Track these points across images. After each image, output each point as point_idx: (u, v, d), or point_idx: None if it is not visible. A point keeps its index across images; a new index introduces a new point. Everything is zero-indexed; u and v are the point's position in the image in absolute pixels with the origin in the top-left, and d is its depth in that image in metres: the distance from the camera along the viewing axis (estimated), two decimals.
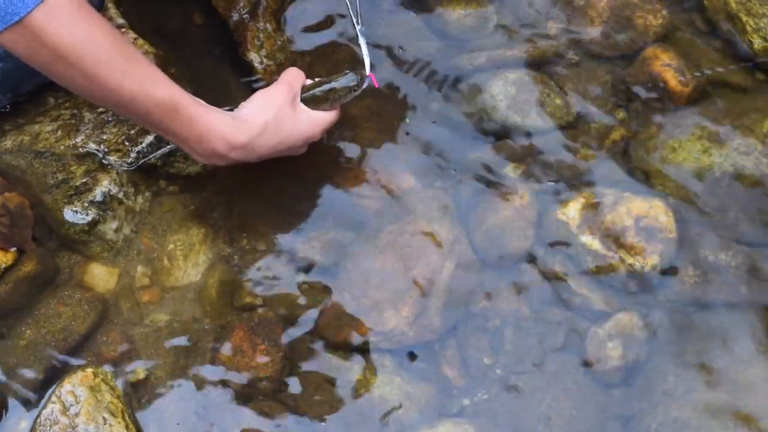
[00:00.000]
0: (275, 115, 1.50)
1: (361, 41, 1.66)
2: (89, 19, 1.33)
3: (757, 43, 1.74)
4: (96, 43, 1.32)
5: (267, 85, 1.61)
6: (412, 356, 1.55)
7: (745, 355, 1.53)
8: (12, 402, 1.47)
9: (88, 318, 1.54)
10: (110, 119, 1.62)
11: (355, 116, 1.73)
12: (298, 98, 1.56)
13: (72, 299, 1.54)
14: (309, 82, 1.61)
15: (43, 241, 1.59)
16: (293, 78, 1.58)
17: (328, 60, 1.80)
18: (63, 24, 1.29)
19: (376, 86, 1.67)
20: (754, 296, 1.57)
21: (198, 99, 1.45)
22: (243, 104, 1.53)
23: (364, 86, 1.63)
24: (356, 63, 1.66)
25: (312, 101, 1.58)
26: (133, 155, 1.61)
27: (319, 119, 1.58)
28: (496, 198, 1.66)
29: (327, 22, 1.83)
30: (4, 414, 1.46)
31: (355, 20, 1.67)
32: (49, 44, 1.29)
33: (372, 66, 1.65)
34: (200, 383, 1.51)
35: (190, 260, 1.61)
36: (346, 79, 1.61)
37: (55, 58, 1.31)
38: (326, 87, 1.60)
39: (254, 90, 1.58)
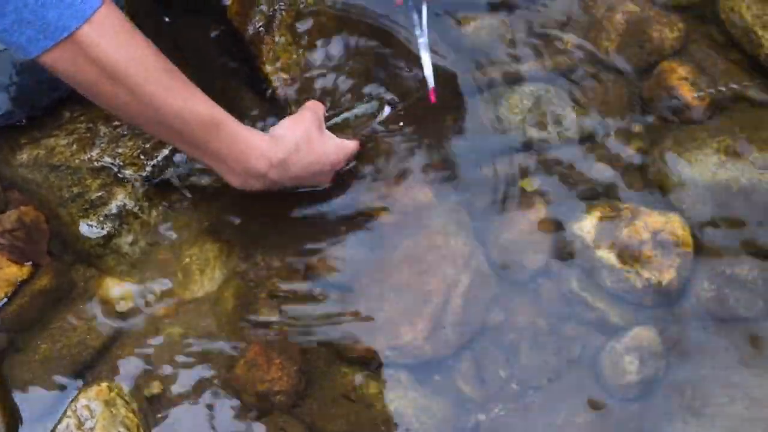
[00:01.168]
0: (304, 135, 1.51)
1: (424, 54, 1.62)
2: (133, 34, 1.32)
3: None
4: (142, 59, 1.31)
5: (283, 98, 1.61)
6: (427, 371, 1.55)
7: (763, 369, 1.53)
8: (27, 416, 1.47)
9: (104, 332, 1.54)
10: (125, 133, 1.62)
11: (372, 131, 1.73)
12: (323, 124, 1.58)
13: (87, 313, 1.54)
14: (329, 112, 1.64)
15: (58, 255, 1.59)
16: (316, 105, 1.60)
17: (342, 72, 1.80)
18: (111, 40, 1.27)
19: (433, 101, 1.64)
20: None
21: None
22: (272, 128, 1.52)
23: (386, 114, 1.64)
24: (369, 77, 1.67)
25: (335, 128, 1.60)
26: (148, 169, 1.61)
27: (345, 145, 1.59)
28: (511, 212, 1.66)
29: (341, 35, 1.83)
30: (19, 428, 1.46)
31: (419, 32, 1.63)
32: (96, 60, 1.27)
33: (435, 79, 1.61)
34: (216, 397, 1.51)
35: (206, 275, 1.60)
36: (367, 108, 1.63)
37: (101, 75, 1.28)
38: (348, 115, 1.62)
39: (269, 103, 1.59)
